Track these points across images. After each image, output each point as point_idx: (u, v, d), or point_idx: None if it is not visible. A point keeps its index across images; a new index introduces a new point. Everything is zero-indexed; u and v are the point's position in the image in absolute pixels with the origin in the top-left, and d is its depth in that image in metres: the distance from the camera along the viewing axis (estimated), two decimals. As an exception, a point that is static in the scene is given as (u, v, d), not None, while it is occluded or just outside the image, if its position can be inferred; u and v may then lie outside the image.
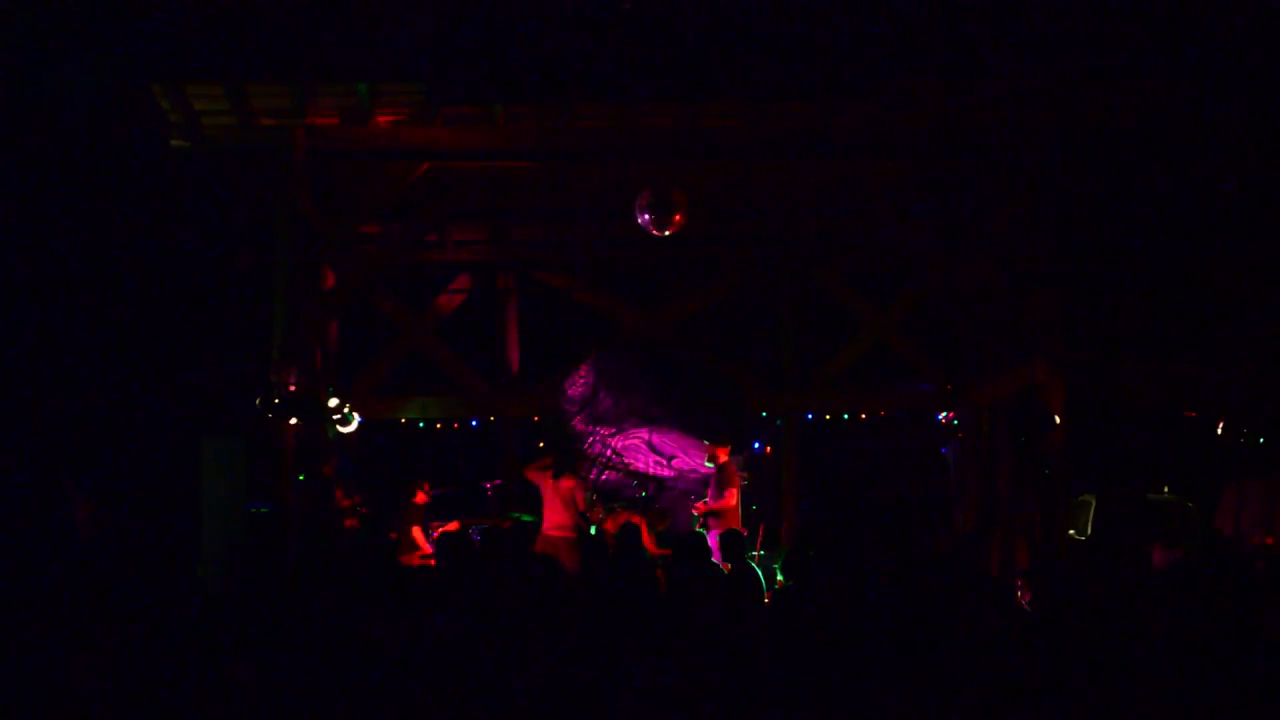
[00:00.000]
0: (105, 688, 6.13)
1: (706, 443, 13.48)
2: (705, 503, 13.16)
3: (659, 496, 14.99)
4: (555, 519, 12.45)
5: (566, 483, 12.58)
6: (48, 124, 12.71)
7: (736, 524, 12.89)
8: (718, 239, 14.75)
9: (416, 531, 12.85)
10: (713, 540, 12.78)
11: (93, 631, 6.50)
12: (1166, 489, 15.80)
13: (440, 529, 12.80)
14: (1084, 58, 10.42)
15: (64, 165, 13.20)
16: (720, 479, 13.10)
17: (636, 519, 12.07)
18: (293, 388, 10.99)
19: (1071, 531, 13.95)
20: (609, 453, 14.93)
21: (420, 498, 12.94)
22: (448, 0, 10.24)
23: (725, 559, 10.56)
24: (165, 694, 6.14)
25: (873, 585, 7.99)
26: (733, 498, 12.89)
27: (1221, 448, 14.74)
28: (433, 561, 12.02)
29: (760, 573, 10.65)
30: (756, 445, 16.86)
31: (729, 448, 13.29)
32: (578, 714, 6.25)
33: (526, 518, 13.28)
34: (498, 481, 14.85)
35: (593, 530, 12.84)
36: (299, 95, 10.80)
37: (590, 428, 15.10)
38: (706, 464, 13.51)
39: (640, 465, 14.98)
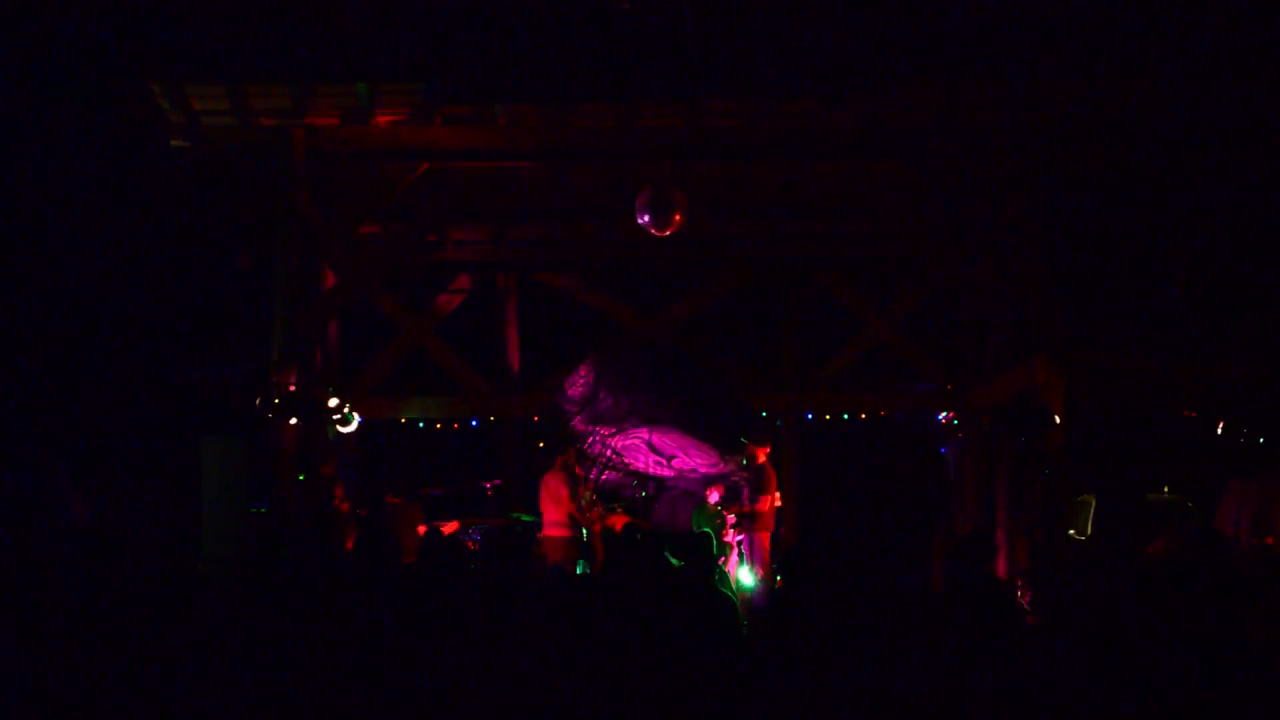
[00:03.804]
0: (105, 687, 6.13)
1: (745, 441, 13.38)
2: (737, 506, 13.09)
3: (659, 497, 14.97)
4: (549, 517, 12.58)
5: (553, 479, 12.67)
6: (48, 124, 12.70)
7: (770, 529, 12.84)
8: (718, 239, 14.75)
9: (421, 531, 12.84)
10: (748, 546, 12.75)
11: (92, 631, 6.50)
12: (1166, 489, 15.79)
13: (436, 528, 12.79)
14: (1085, 58, 10.42)
15: (64, 165, 13.20)
16: (757, 481, 12.96)
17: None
18: (293, 388, 10.99)
19: (1071, 531, 13.94)
20: (609, 453, 14.89)
21: (391, 498, 12.84)
22: (448, 0, 10.25)
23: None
24: (165, 693, 6.14)
25: (872, 585, 7.99)
26: (766, 503, 12.79)
27: (1221, 448, 14.73)
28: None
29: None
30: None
31: (769, 448, 13.14)
32: (575, 711, 6.25)
33: (527, 518, 13.28)
34: (498, 481, 14.84)
35: (584, 534, 12.84)
36: (299, 95, 10.80)
37: (590, 428, 15.06)
38: (744, 463, 13.39)
39: (640, 465, 14.94)
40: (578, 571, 12.18)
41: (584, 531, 12.87)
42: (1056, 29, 10.28)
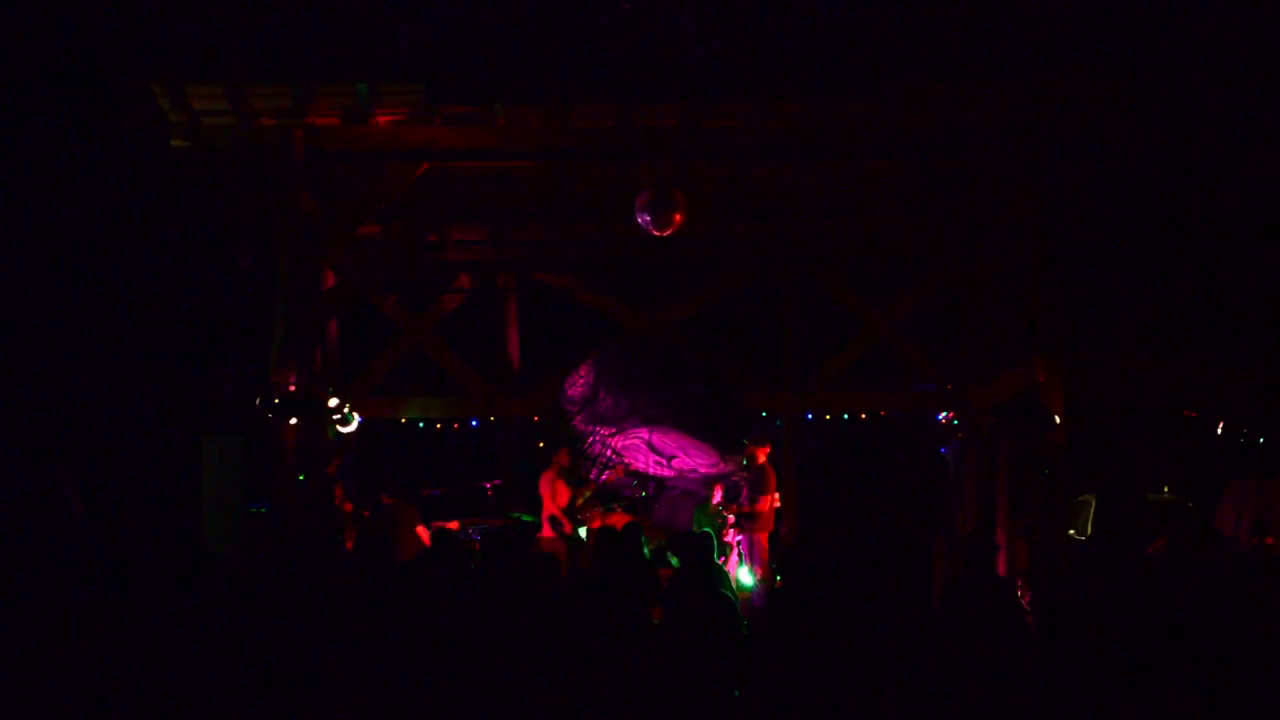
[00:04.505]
0: (105, 687, 6.14)
1: (745, 441, 13.38)
2: (737, 506, 13.09)
3: (659, 497, 14.97)
4: (544, 515, 12.67)
5: (544, 480, 12.76)
6: (48, 124, 12.71)
7: (769, 529, 12.85)
8: (718, 239, 14.75)
9: (421, 531, 12.86)
10: (747, 546, 12.73)
11: (92, 630, 6.50)
12: (1166, 489, 15.81)
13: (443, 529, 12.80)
14: (1084, 57, 10.42)
15: (64, 165, 13.21)
16: (756, 481, 12.95)
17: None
18: (293, 388, 10.99)
19: (1071, 531, 13.94)
20: (609, 453, 14.88)
21: (386, 499, 12.86)
22: (448, 0, 10.26)
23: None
24: (165, 693, 6.15)
25: (872, 585, 7.99)
26: (765, 503, 12.77)
27: (1221, 448, 14.74)
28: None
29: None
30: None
31: (769, 448, 13.12)
32: (574, 710, 6.25)
33: (527, 518, 13.29)
34: (498, 481, 14.85)
35: (582, 532, 12.85)
36: (299, 95, 10.80)
37: (590, 428, 15.05)
38: (744, 463, 13.40)
39: (640, 465, 14.93)
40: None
41: (582, 531, 12.88)
42: (1055, 29, 10.28)
